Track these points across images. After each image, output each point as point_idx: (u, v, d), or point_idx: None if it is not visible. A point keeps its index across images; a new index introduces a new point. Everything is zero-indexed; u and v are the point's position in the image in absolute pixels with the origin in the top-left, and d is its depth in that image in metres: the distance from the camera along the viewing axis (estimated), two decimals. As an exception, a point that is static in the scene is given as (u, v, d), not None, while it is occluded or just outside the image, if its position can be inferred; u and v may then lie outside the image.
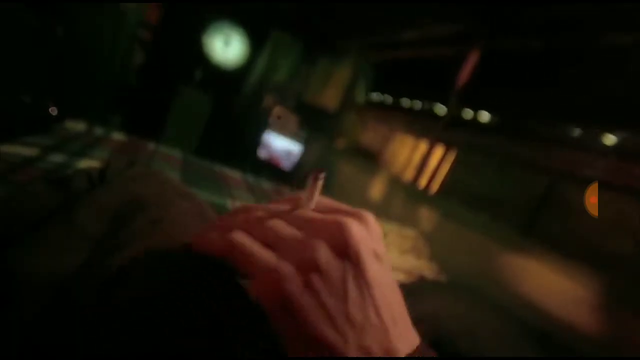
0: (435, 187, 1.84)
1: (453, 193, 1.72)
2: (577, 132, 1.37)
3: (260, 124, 2.99)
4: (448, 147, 1.84)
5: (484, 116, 1.79)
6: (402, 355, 0.18)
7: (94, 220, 0.35)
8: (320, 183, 0.21)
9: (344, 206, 0.23)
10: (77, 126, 1.20)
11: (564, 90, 1.48)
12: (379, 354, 0.17)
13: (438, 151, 1.89)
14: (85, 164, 0.89)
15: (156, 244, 0.32)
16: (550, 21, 1.51)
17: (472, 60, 1.85)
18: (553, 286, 1.08)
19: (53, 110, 1.59)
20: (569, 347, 0.92)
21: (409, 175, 2.01)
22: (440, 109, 1.99)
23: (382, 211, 1.74)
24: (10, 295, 0.28)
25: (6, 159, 0.76)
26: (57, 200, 0.43)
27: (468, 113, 1.87)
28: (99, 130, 1.26)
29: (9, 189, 0.64)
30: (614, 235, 1.11)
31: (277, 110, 2.99)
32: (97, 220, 0.35)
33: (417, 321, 0.71)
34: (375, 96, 2.78)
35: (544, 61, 1.61)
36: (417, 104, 2.27)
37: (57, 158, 0.86)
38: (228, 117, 3.26)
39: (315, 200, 0.22)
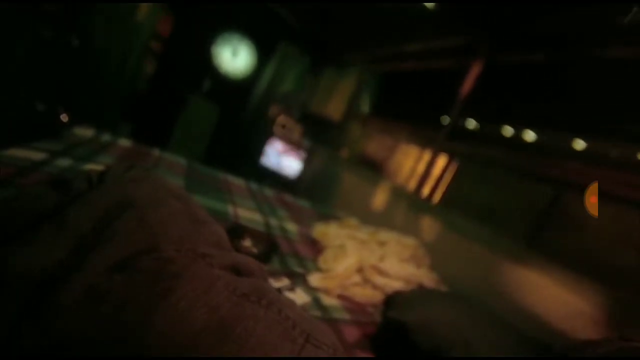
0: (437, 197, 1.83)
1: (455, 203, 1.71)
2: (581, 143, 1.37)
3: (265, 133, 3.03)
4: (451, 157, 1.84)
5: (487, 127, 1.79)
6: None
7: (85, 219, 0.37)
8: None
9: None
10: (85, 132, 1.24)
11: (568, 102, 1.48)
12: None
13: (441, 162, 1.89)
14: (89, 168, 0.92)
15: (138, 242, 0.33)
16: (553, 34, 1.52)
17: (475, 72, 1.86)
18: (555, 299, 1.06)
19: (64, 117, 1.65)
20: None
21: (411, 185, 2.01)
22: (444, 120, 2.00)
23: (385, 220, 1.74)
24: (5, 284, 0.29)
25: (16, 162, 0.79)
26: (56, 201, 0.45)
27: (471, 124, 1.88)
28: (106, 137, 1.29)
29: (13, 192, 0.66)
30: (619, 248, 1.09)
31: (282, 119, 3.03)
32: (88, 219, 0.37)
33: (414, 328, 0.71)
34: (379, 107, 2.80)
35: (547, 72, 1.61)
36: (421, 115, 2.28)
37: (63, 162, 0.89)
38: (235, 126, 3.31)
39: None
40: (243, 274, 0.33)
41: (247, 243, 1.03)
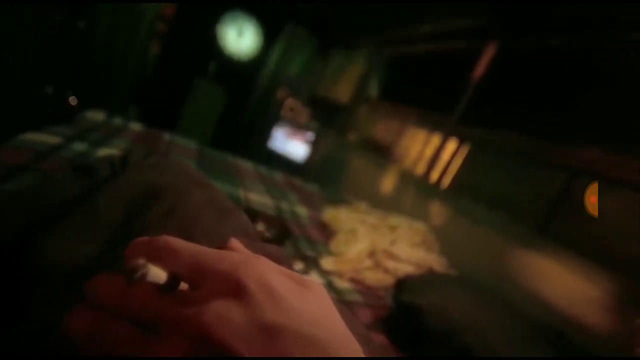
0: (447, 182, 1.83)
1: (465, 189, 1.71)
2: (595, 130, 1.34)
3: (273, 116, 3.00)
4: (461, 142, 1.82)
5: (499, 112, 1.76)
6: None
7: (112, 208, 0.36)
8: (142, 277, 0.18)
9: (205, 265, 0.19)
10: (97, 116, 1.24)
11: (582, 88, 1.44)
12: None
13: (450, 146, 1.87)
14: (105, 152, 0.93)
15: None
16: (571, 18, 1.46)
17: (488, 55, 1.81)
18: (565, 285, 1.07)
19: (73, 100, 1.65)
20: (580, 347, 0.91)
21: (420, 170, 2.00)
22: (454, 104, 1.96)
23: (393, 205, 1.74)
24: (37, 279, 0.29)
25: (33, 147, 0.80)
26: (82, 187, 0.45)
27: (482, 108, 1.84)
28: (117, 121, 1.29)
29: (37, 176, 0.67)
30: (631, 236, 1.09)
31: (290, 102, 3.00)
32: (116, 207, 0.36)
33: (426, 310, 0.72)
34: (389, 90, 2.76)
35: (563, 57, 1.57)
36: (431, 99, 2.24)
37: (79, 147, 0.90)
38: (241, 109, 3.29)
39: (158, 276, 0.18)
40: None
41: (260, 227, 1.04)
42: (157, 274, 0.18)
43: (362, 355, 0.19)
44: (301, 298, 0.19)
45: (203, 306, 0.16)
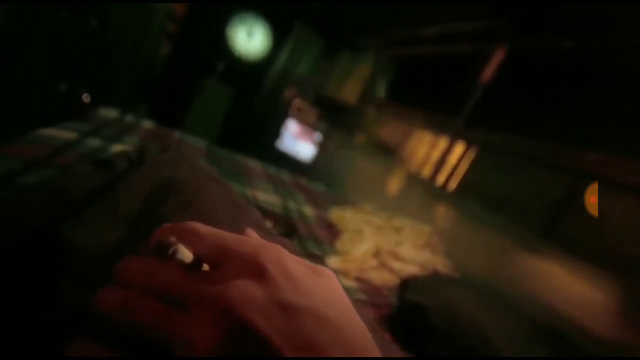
0: (453, 185, 1.83)
1: (471, 192, 1.71)
2: (604, 133, 1.34)
3: (280, 116, 3.02)
4: (468, 145, 1.82)
5: (506, 115, 1.76)
6: None
7: (132, 201, 0.37)
8: (174, 252, 0.19)
9: (229, 248, 0.20)
10: (110, 113, 1.27)
11: (590, 90, 1.44)
12: None
13: (457, 149, 1.87)
14: (118, 148, 0.95)
15: None
16: (580, 20, 1.46)
17: (496, 58, 1.81)
18: (569, 288, 1.07)
19: (86, 97, 1.69)
20: (585, 350, 0.91)
21: (426, 172, 2.01)
22: (461, 106, 1.96)
23: (399, 207, 1.75)
24: (66, 262, 0.30)
25: (49, 142, 0.82)
26: (101, 180, 0.47)
27: (489, 111, 1.84)
28: (129, 118, 1.32)
29: (55, 170, 0.69)
30: (635, 240, 1.08)
31: (297, 102, 3.02)
32: (135, 200, 0.38)
33: (430, 310, 0.73)
34: (396, 92, 2.76)
35: (570, 59, 1.56)
36: (438, 102, 2.24)
37: (93, 142, 0.92)
38: (249, 108, 3.32)
39: (186, 255, 0.19)
40: None
41: (267, 225, 1.06)
42: (185, 253, 0.19)
43: (370, 337, 0.20)
44: (315, 282, 0.20)
45: (227, 284, 0.18)
